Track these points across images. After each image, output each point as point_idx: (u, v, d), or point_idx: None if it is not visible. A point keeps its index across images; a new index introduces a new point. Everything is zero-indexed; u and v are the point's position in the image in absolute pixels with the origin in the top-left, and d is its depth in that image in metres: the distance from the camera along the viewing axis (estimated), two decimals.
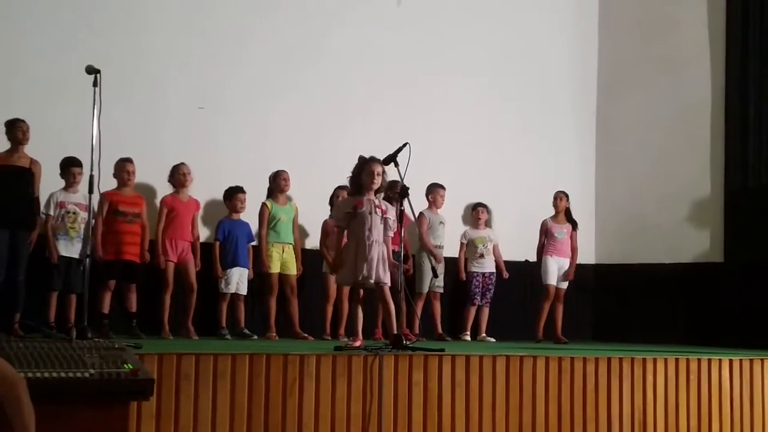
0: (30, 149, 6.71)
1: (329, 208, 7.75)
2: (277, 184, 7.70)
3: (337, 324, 7.78)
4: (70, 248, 6.87)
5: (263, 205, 7.67)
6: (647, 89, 9.33)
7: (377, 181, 5.78)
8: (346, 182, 7.67)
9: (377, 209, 5.77)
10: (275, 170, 7.72)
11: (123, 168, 7.09)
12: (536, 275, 8.44)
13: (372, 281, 5.69)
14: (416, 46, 8.70)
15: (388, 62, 8.58)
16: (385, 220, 5.75)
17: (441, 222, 8.29)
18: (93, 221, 6.45)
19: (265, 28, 8.18)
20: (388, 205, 5.86)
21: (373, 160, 5.78)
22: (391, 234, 5.83)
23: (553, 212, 8.49)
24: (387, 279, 5.74)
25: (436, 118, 8.66)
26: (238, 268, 7.53)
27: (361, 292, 5.97)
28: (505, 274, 8.52)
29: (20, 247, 6.54)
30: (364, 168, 5.81)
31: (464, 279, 8.39)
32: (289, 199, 7.82)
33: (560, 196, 8.46)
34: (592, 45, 9.75)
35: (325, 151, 8.11)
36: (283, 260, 7.64)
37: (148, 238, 7.23)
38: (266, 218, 7.63)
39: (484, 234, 8.50)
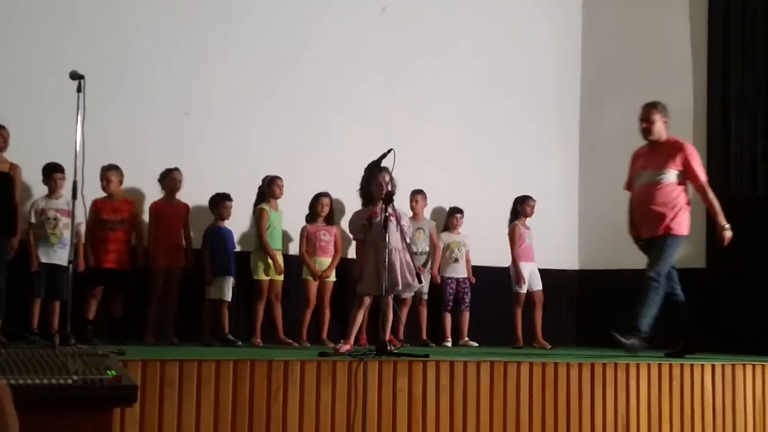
0: (13, 155, 6.69)
1: (309, 213, 7.82)
2: (271, 191, 7.67)
3: (319, 329, 7.79)
4: (51, 255, 6.84)
5: (262, 210, 7.63)
6: (630, 97, 9.32)
7: (386, 190, 5.82)
8: (328, 188, 7.81)
9: (391, 217, 5.79)
10: (270, 176, 7.68)
11: (102, 176, 7.07)
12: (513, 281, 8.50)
13: (399, 289, 5.71)
14: (400, 52, 8.74)
15: (371, 68, 8.61)
16: (401, 227, 5.77)
17: (420, 228, 8.27)
18: (76, 227, 6.48)
19: (249, 34, 8.19)
20: (401, 211, 5.88)
21: (381, 170, 5.79)
22: (408, 239, 5.85)
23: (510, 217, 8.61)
24: (415, 283, 5.76)
25: (420, 124, 8.68)
26: (226, 275, 7.54)
27: (367, 300, 5.96)
28: (473, 279, 8.54)
29: (0, 253, 6.50)
30: (372, 179, 5.84)
31: (438, 283, 8.40)
32: (278, 205, 7.81)
33: (532, 202, 8.52)
34: (576, 53, 9.81)
35: (309, 157, 8.13)
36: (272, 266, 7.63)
37: (141, 244, 7.20)
38: (266, 223, 7.59)
39: (460, 239, 8.53)
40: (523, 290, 8.42)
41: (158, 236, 7.31)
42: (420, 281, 6.07)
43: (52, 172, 6.90)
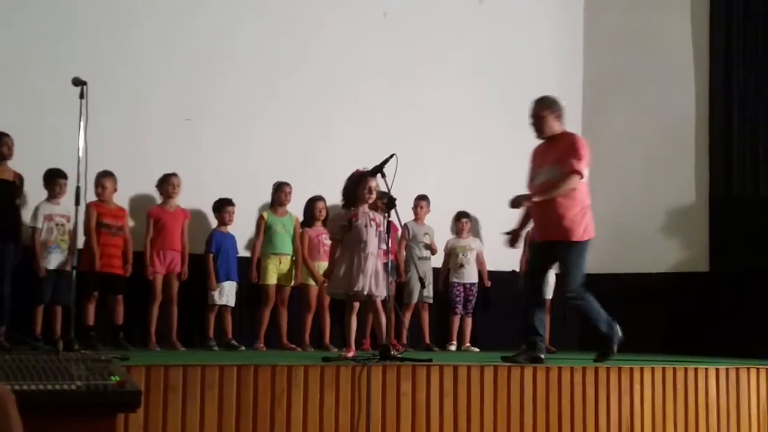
0: (15, 161, 6.70)
1: (306, 218, 7.81)
2: (277, 197, 7.72)
3: (321, 334, 7.79)
4: (61, 260, 6.83)
5: (260, 215, 7.70)
6: (632, 100, 9.38)
7: (373, 196, 5.83)
8: (330, 192, 7.80)
9: (372, 222, 5.80)
10: (279, 182, 7.73)
11: (97, 182, 7.03)
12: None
13: (365, 293, 5.71)
14: (401, 56, 8.73)
15: (373, 72, 8.60)
16: (379, 233, 5.78)
17: (426, 233, 8.31)
18: (81, 233, 6.48)
19: (251, 38, 8.19)
20: (382, 217, 5.88)
21: (370, 174, 5.80)
22: (384, 246, 5.85)
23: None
24: (380, 292, 5.76)
25: (422, 128, 8.67)
26: (229, 280, 7.55)
27: (356, 305, 6.00)
28: (487, 283, 8.52)
29: (5, 260, 6.51)
30: (361, 182, 5.83)
31: (443, 289, 8.40)
32: (287, 211, 7.80)
33: None
34: (577, 55, 9.80)
35: (311, 161, 8.13)
36: (279, 271, 7.63)
37: (130, 251, 7.20)
38: (262, 229, 7.65)
39: (464, 243, 8.51)
40: None
41: (156, 242, 7.30)
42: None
43: (56, 178, 6.88)
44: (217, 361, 4.74)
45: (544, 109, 6.05)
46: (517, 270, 8.58)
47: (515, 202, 5.84)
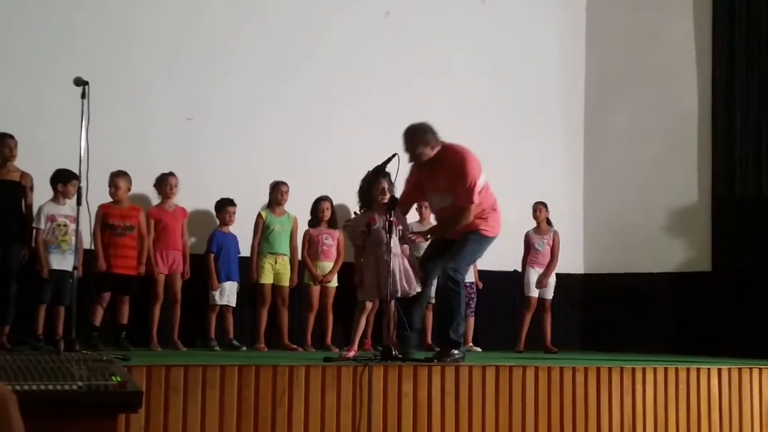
0: (18, 162, 6.70)
1: (311, 218, 7.83)
2: (273, 196, 7.73)
3: (323, 334, 7.79)
4: (62, 261, 6.82)
5: (258, 214, 7.70)
6: (634, 100, 9.38)
7: (386, 197, 5.80)
8: (331, 192, 7.81)
9: (393, 222, 5.77)
10: (276, 181, 7.73)
11: (110, 182, 7.04)
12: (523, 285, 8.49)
13: (399, 295, 5.69)
14: (403, 56, 8.72)
15: (375, 73, 8.60)
16: (401, 231, 5.75)
17: None
18: (84, 233, 6.47)
19: (252, 39, 8.19)
20: (399, 215, 5.85)
21: (384, 175, 5.76)
22: (407, 243, 5.84)
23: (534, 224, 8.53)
24: (414, 288, 5.73)
25: None
26: (230, 280, 7.56)
27: (369, 305, 5.96)
28: (479, 284, 8.49)
29: (11, 260, 6.52)
30: (374, 183, 5.81)
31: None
32: (285, 210, 7.80)
33: (538, 208, 8.48)
34: (580, 56, 9.80)
35: (312, 161, 8.13)
36: (275, 271, 7.64)
37: (144, 251, 7.19)
38: (260, 228, 7.66)
39: None
40: (534, 294, 8.38)
41: (158, 242, 7.30)
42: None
43: (72, 179, 6.80)
44: (219, 361, 4.74)
45: (418, 145, 5.74)
46: (518, 270, 8.58)
47: (411, 241, 5.84)
